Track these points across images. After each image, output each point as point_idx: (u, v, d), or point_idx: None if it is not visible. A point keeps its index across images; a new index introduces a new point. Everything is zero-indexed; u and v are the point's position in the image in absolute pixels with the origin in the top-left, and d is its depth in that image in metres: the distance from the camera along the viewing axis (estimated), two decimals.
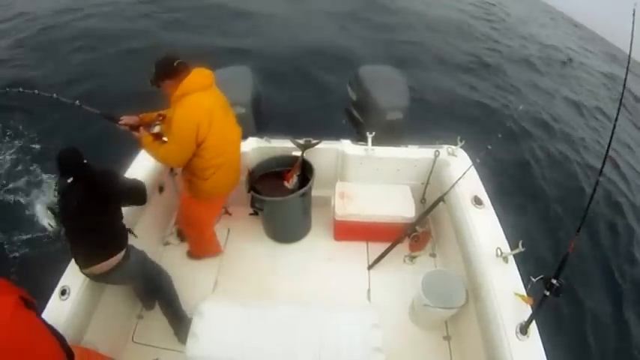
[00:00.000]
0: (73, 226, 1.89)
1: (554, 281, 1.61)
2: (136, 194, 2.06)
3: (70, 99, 2.14)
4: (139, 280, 2.19)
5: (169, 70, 1.88)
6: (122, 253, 1.96)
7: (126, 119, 2.06)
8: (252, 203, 2.68)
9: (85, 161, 1.83)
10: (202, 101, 1.90)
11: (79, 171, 1.82)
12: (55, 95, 2.27)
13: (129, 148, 2.57)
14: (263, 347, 1.77)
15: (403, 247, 2.69)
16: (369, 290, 2.58)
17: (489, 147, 2.27)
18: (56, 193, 1.92)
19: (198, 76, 1.92)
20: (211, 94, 1.98)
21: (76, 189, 1.80)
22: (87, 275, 1.97)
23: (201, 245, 2.73)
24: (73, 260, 2.03)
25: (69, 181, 1.81)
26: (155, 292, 2.28)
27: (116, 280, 2.07)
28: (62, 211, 1.90)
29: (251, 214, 2.98)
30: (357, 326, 1.82)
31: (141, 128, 2.06)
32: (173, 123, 1.88)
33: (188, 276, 2.62)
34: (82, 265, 1.92)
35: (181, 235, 2.89)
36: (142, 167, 2.61)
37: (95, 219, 1.85)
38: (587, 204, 1.68)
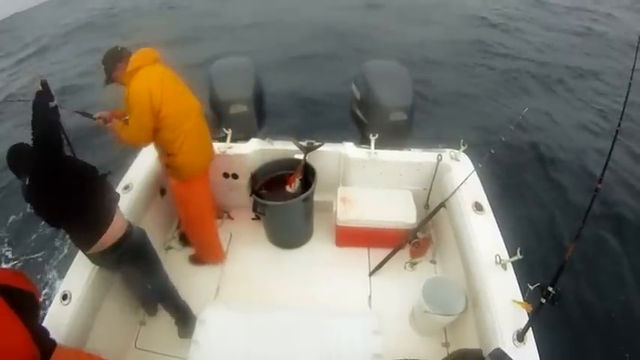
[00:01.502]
0: (62, 218, 1.82)
1: (550, 289, 1.68)
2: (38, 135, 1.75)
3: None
4: (142, 260, 2.16)
5: (116, 56, 2.11)
6: (124, 221, 1.99)
7: (99, 113, 2.27)
8: (255, 207, 2.76)
9: (27, 151, 1.71)
10: (151, 72, 2.11)
11: (26, 168, 1.71)
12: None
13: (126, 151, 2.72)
14: (265, 353, 1.87)
15: (404, 253, 2.78)
16: (370, 296, 2.68)
17: (492, 151, 2.31)
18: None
19: (142, 53, 2.14)
20: (159, 67, 2.18)
21: (37, 189, 1.72)
22: (92, 258, 1.97)
23: (205, 246, 2.82)
24: (73, 263, 2.11)
25: (26, 183, 1.71)
26: (156, 277, 2.27)
27: (124, 254, 2.01)
28: (38, 213, 1.79)
29: (253, 219, 3.09)
30: (358, 332, 1.92)
31: (114, 119, 2.26)
32: (129, 97, 2.08)
33: (190, 281, 2.73)
34: (92, 241, 1.87)
35: (184, 240, 3.00)
36: (142, 170, 2.71)
37: (72, 201, 1.78)
38: (585, 212, 1.75)
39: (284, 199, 2.65)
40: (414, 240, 2.69)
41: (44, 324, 1.83)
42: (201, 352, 1.87)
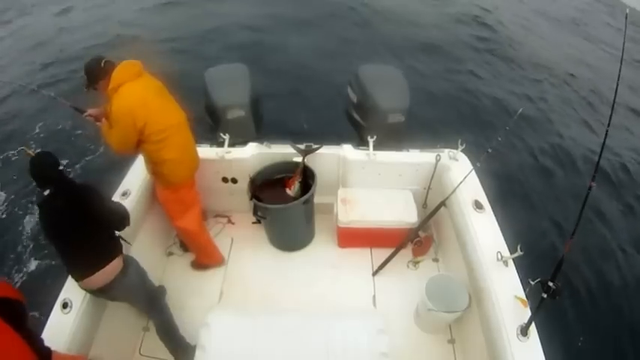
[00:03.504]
0: (61, 240, 1.92)
1: (550, 284, 1.74)
2: (117, 219, 2.10)
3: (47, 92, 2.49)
4: (139, 298, 2.26)
5: (99, 70, 2.09)
6: (119, 264, 2.02)
7: (90, 111, 2.32)
8: (255, 211, 2.79)
9: (60, 168, 1.88)
10: (134, 90, 2.09)
11: (55, 181, 1.85)
12: (36, 88, 2.64)
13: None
14: (271, 356, 1.89)
15: (406, 253, 2.84)
16: (374, 296, 2.73)
17: (489, 150, 2.39)
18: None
19: (126, 67, 2.10)
20: (142, 82, 2.15)
21: (56, 203, 1.84)
22: (86, 290, 2.02)
23: (202, 250, 2.85)
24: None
25: (45, 193, 1.83)
26: (156, 313, 2.34)
27: (115, 296, 2.14)
28: (43, 224, 1.91)
29: (254, 223, 3.12)
30: (363, 332, 1.95)
31: (103, 119, 2.28)
32: (112, 115, 2.09)
33: (193, 286, 2.77)
34: (79, 278, 1.96)
35: (184, 245, 3.00)
36: (140, 176, 2.70)
37: (82, 231, 1.90)
38: (581, 207, 1.80)
39: (284, 202, 2.68)
40: (416, 239, 2.75)
41: (44, 334, 1.85)
42: (207, 357, 1.88)
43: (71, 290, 2.06)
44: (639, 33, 9.00)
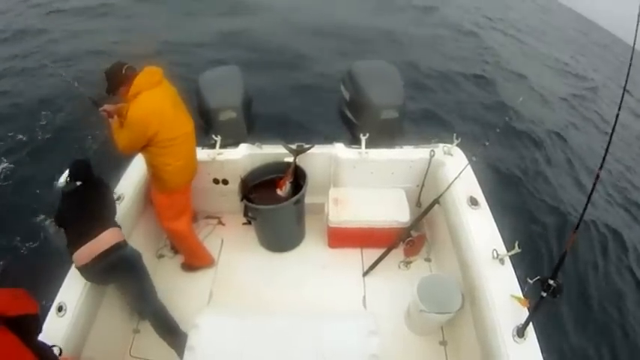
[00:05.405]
0: (72, 216, 2.13)
1: (551, 282, 1.65)
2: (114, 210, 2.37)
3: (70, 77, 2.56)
4: (137, 282, 2.26)
5: (120, 77, 2.12)
6: (120, 234, 2.16)
7: (106, 107, 2.31)
8: (246, 212, 2.75)
9: (90, 170, 2.23)
10: (152, 100, 2.12)
11: (84, 178, 2.18)
12: (64, 74, 2.72)
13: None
14: (260, 358, 1.85)
15: (398, 253, 2.76)
16: (364, 297, 2.66)
17: (486, 143, 2.31)
18: (60, 192, 2.20)
19: (147, 75, 2.13)
20: (161, 90, 2.18)
21: (79, 189, 2.16)
22: (83, 270, 2.04)
23: (192, 252, 2.83)
24: (68, 274, 2.14)
25: (77, 184, 2.16)
26: (148, 305, 2.33)
27: (116, 268, 2.12)
28: (60, 207, 2.15)
29: (244, 224, 3.08)
30: (354, 334, 1.88)
31: (115, 116, 2.28)
32: (127, 119, 2.13)
33: (183, 288, 2.73)
34: (83, 243, 2.02)
35: (175, 248, 2.97)
36: (134, 180, 2.72)
37: (91, 207, 2.16)
38: (586, 200, 1.71)
39: (275, 203, 2.64)
40: (408, 239, 2.68)
41: (39, 337, 1.82)
42: (196, 358, 1.84)
43: (66, 294, 2.08)
44: None
